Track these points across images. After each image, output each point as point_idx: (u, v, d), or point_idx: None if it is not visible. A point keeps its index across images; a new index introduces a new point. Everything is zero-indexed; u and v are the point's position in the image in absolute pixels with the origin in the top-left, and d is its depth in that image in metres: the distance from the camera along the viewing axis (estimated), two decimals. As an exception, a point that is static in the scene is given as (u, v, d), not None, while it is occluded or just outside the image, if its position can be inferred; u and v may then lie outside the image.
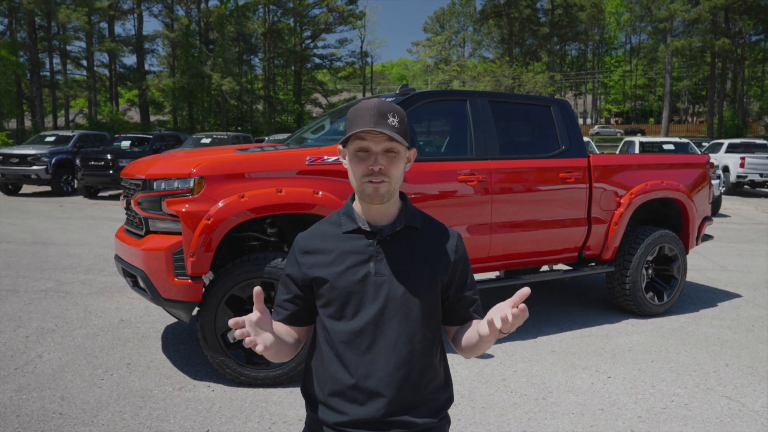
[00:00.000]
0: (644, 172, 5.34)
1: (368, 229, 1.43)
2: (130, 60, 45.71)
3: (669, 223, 5.77)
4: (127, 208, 4.08)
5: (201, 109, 43.45)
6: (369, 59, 57.00)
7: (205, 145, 16.88)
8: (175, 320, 5.08)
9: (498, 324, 1.23)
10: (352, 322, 1.41)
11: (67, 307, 5.42)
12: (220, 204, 3.52)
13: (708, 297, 6.11)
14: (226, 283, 3.61)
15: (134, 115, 45.96)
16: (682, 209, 5.57)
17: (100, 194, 16.19)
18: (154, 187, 3.66)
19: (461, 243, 1.53)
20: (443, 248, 1.48)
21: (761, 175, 18.02)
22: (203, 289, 3.63)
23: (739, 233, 10.67)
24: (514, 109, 4.96)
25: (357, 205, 1.48)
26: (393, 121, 1.37)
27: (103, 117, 39.14)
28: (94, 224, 10.66)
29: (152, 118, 45.46)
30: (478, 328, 1.34)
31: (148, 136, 17.30)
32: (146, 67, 44.66)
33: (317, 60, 49.05)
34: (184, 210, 3.50)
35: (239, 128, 43.73)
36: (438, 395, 1.47)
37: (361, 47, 57.19)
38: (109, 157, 14.98)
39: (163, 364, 4.09)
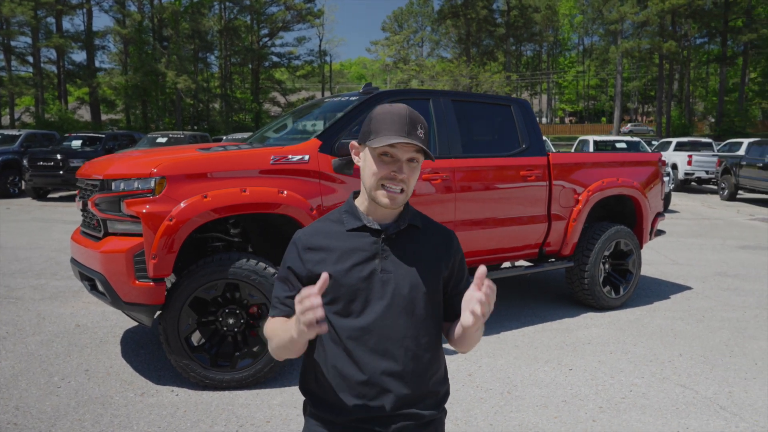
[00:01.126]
0: (600, 169, 5.50)
1: (374, 226, 1.46)
2: (79, 57, 44.12)
3: (623, 219, 5.96)
4: (84, 209, 3.95)
5: (155, 108, 42.34)
6: (328, 58, 56.79)
7: (161, 144, 16.48)
8: (134, 324, 4.95)
9: (477, 309, 1.26)
10: (359, 319, 1.42)
11: (19, 314, 5.21)
12: (182, 204, 3.44)
13: (661, 290, 6.34)
14: (190, 284, 3.53)
15: (85, 114, 44.39)
16: (637, 205, 5.76)
17: (50, 196, 15.60)
18: (113, 187, 3.55)
19: (457, 241, 1.58)
20: (443, 246, 1.53)
21: (707, 172, 18.82)
22: (166, 292, 3.54)
23: (688, 228, 11.10)
24: (476, 109, 5.03)
25: (360, 203, 1.49)
26: (421, 132, 1.42)
27: (51, 115, 37.67)
28: (44, 227, 10.27)
29: (104, 117, 44.04)
30: (461, 320, 1.36)
31: (100, 135, 16.75)
32: (97, 64, 43.20)
33: (275, 58, 48.49)
34: (144, 211, 3.41)
35: (195, 127, 42.86)
36: (439, 388, 1.51)
37: (320, 46, 56.90)
38: (59, 157, 14.45)
39: (123, 370, 3.97)
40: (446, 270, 1.51)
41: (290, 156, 3.85)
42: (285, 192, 3.74)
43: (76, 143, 16.28)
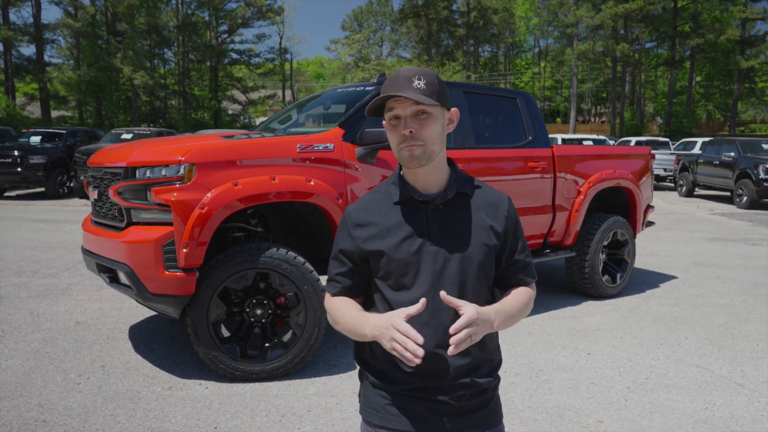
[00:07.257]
0: (599, 162, 5.66)
1: (419, 198, 1.43)
2: (27, 50, 42.05)
3: (616, 210, 6.14)
4: (99, 198, 3.80)
5: (110, 104, 40.83)
6: (288, 56, 56.15)
7: (126, 140, 15.98)
8: (138, 320, 4.80)
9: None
10: (411, 292, 1.40)
11: (9, 312, 4.97)
12: (214, 192, 3.36)
13: (649, 279, 6.57)
14: (220, 274, 3.45)
15: (35, 110, 42.45)
16: (631, 197, 5.95)
17: (7, 194, 14.90)
18: (137, 175, 3.43)
19: (512, 207, 1.52)
20: (495, 214, 1.48)
21: (665, 170, 19.60)
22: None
23: (656, 222, 11.51)
24: (485, 101, 5.09)
25: (405, 174, 1.46)
26: (419, 83, 1.35)
27: (-2, 111, 35.87)
28: (9, 225, 9.80)
29: (55, 113, 42.21)
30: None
31: (61, 131, 16.07)
32: (47, 58, 41.35)
33: (234, 55, 47.44)
34: (174, 199, 3.31)
35: (152, 125, 41.58)
36: (493, 356, 1.51)
37: (280, 43, 56.22)
38: (17, 153, 13.83)
39: (141, 365, 3.84)
40: (497, 238, 1.46)
41: (315, 145, 3.81)
42: (312, 180, 3.69)
43: (36, 139, 15.61)
